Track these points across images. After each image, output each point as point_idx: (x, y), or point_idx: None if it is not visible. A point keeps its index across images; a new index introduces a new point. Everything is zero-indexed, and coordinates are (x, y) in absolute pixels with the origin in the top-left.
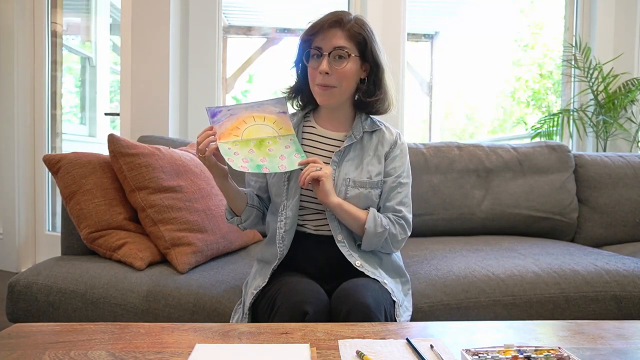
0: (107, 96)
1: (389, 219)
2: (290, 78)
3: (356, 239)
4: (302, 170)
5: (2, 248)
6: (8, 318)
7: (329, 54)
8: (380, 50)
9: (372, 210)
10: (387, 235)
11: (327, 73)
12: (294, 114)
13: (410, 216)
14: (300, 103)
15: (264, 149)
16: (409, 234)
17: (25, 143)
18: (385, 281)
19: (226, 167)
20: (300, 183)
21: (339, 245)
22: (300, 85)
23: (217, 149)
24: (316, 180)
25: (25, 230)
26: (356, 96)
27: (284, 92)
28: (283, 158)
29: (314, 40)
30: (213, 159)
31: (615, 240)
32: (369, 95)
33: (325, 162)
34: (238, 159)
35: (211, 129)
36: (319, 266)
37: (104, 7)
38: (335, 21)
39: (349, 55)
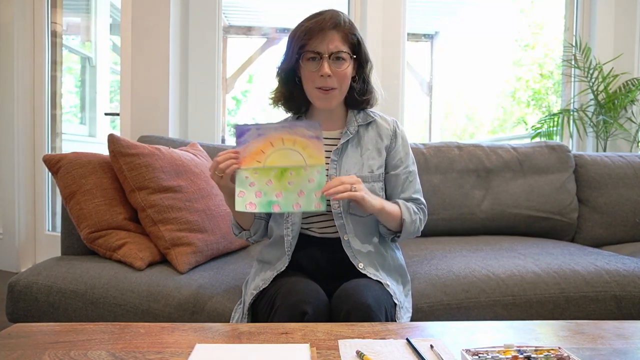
0: (107, 96)
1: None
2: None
3: (380, 233)
4: (316, 210)
5: (2, 248)
6: (8, 318)
7: (329, 56)
8: (367, 48)
9: (400, 201)
10: (418, 222)
11: (329, 75)
12: (285, 120)
13: (424, 200)
14: (290, 107)
15: (283, 181)
16: (427, 217)
17: (25, 143)
18: (388, 283)
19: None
20: (326, 194)
21: (344, 245)
22: (291, 90)
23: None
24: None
25: (25, 230)
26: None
27: (269, 98)
28: (301, 194)
29: (310, 43)
30: (227, 181)
31: (615, 240)
32: (362, 93)
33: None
34: (250, 193)
35: (235, 152)
36: (321, 268)
37: (104, 7)
38: (332, 23)
39: (349, 58)
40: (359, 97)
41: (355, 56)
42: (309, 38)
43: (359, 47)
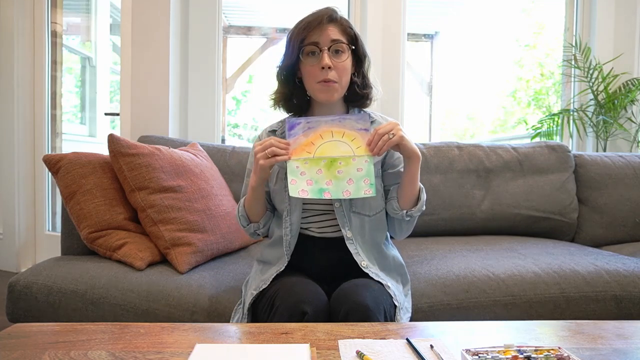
0: (107, 96)
1: None
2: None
3: (398, 210)
4: (365, 197)
5: (2, 248)
6: (8, 318)
7: (328, 48)
8: (365, 45)
9: None
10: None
11: (329, 67)
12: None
13: None
14: (290, 108)
15: (333, 171)
16: None
17: (25, 143)
18: (389, 284)
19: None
20: (374, 153)
21: (347, 243)
22: (291, 90)
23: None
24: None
25: (25, 230)
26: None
27: (270, 99)
28: (351, 182)
29: (309, 37)
30: (269, 166)
31: (615, 240)
32: (363, 87)
33: None
34: (302, 181)
35: (287, 144)
36: (320, 268)
37: (104, 7)
38: (330, 16)
39: (347, 49)
40: (359, 90)
41: (354, 48)
42: (308, 31)
43: (357, 40)
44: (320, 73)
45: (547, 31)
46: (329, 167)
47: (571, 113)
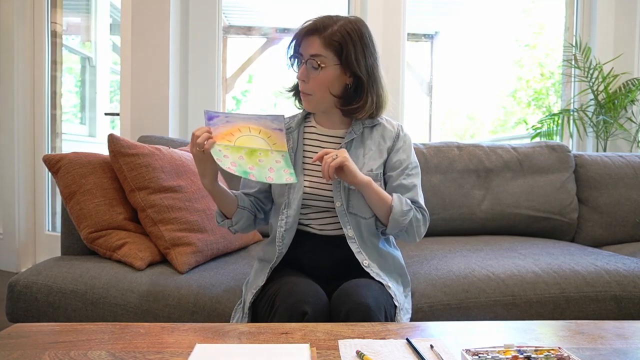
0: (107, 96)
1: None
2: (289, 78)
3: (379, 227)
4: (287, 183)
5: (2, 248)
6: (8, 318)
7: (306, 61)
8: (368, 56)
9: (396, 194)
10: (412, 218)
11: (303, 80)
12: (294, 116)
13: (424, 205)
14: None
15: (254, 159)
16: (428, 224)
17: (25, 143)
18: (390, 284)
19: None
20: (326, 179)
21: (349, 241)
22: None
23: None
24: (339, 168)
25: (25, 230)
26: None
27: (287, 90)
28: (272, 170)
29: (295, 46)
30: (207, 156)
31: (615, 240)
32: (348, 103)
33: None
34: (227, 161)
35: (209, 130)
36: (321, 267)
37: (104, 7)
38: (311, 29)
39: (321, 65)
40: (342, 107)
41: (340, 63)
42: (294, 41)
43: (342, 53)
44: (300, 83)
45: (547, 31)
46: (250, 155)
47: (571, 113)
